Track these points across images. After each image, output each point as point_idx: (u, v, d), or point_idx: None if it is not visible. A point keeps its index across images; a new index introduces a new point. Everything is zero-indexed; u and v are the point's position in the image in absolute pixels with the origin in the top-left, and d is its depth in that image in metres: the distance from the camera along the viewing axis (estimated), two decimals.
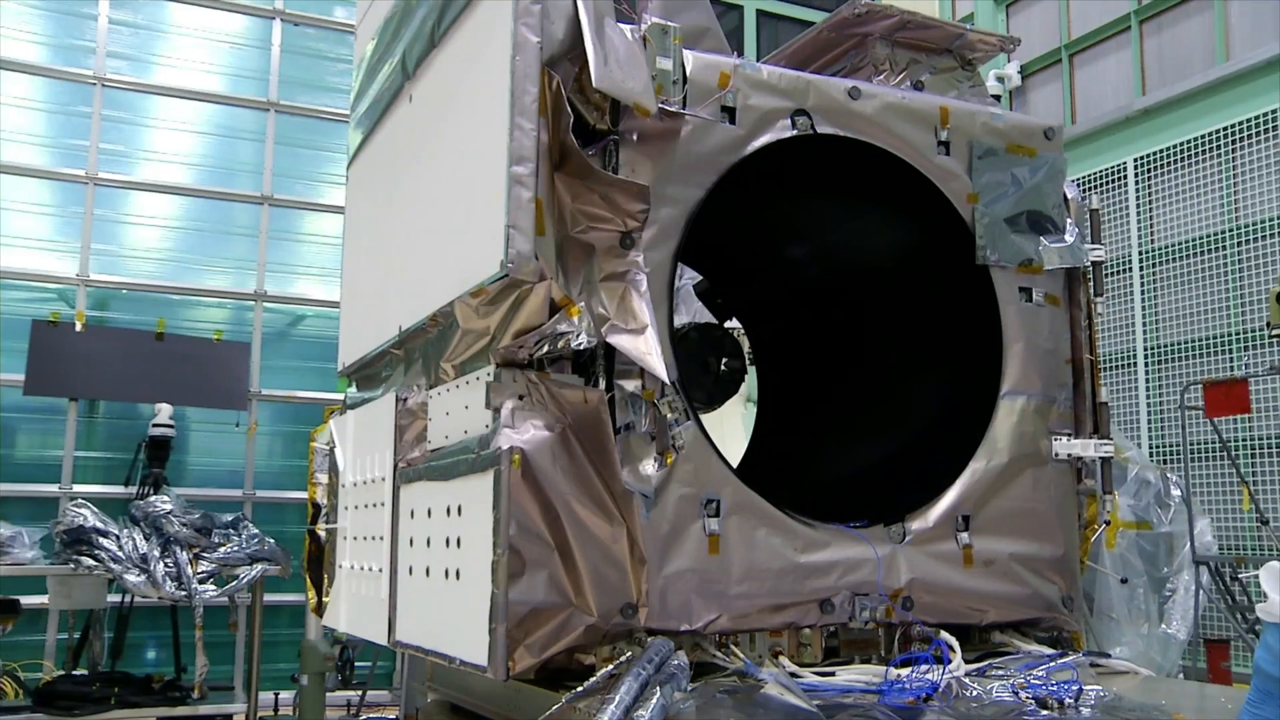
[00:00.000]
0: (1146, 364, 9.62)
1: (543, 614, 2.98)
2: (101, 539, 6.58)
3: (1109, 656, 3.65)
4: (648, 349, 3.06)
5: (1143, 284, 9.71)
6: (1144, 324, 9.67)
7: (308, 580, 4.54)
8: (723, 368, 4.18)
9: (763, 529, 3.28)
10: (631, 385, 3.14)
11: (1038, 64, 11.26)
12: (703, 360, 4.17)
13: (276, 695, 7.75)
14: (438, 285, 3.41)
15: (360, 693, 7.62)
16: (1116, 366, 9.82)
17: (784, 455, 4.53)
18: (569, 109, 3.14)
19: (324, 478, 4.47)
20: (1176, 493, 8.38)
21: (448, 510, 3.21)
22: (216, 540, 6.86)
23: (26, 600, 7.82)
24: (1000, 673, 3.26)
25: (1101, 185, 10.20)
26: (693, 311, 4.79)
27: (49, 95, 9.11)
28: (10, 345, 8.50)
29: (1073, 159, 10.56)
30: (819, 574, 3.33)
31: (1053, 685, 2.98)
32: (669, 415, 3.17)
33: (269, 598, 7.77)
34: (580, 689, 2.86)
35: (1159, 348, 9.56)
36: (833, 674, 3.19)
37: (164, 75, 9.37)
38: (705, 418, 4.69)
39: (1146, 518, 8.27)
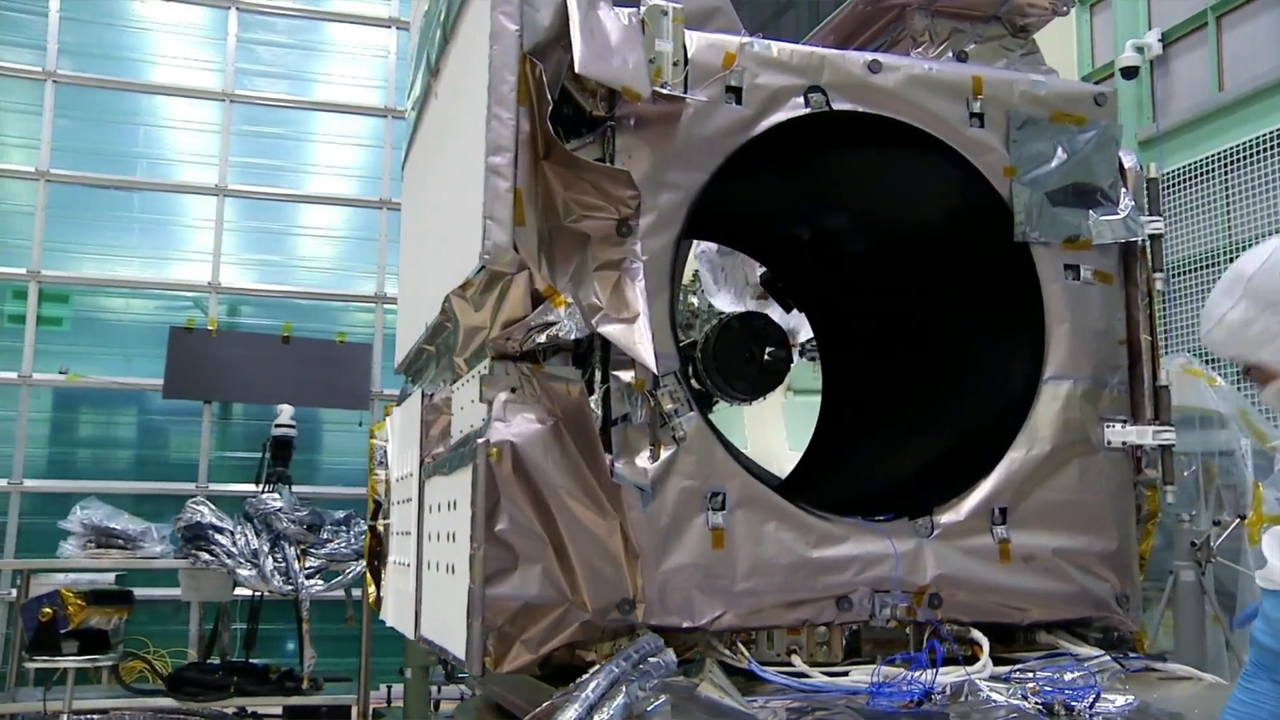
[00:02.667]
0: None
1: (538, 609, 2.94)
2: (217, 535, 6.88)
3: (1164, 660, 3.38)
4: (638, 338, 2.99)
5: None
6: None
7: (368, 575, 4.64)
8: (766, 357, 4.06)
9: (772, 523, 3.16)
10: (627, 376, 3.07)
11: (1181, 29, 10.57)
12: (746, 350, 4.06)
13: (389, 688, 7.95)
14: (445, 281, 3.42)
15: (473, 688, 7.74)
16: None
17: (836, 449, 4.38)
18: (563, 96, 3.12)
19: (382, 473, 4.55)
20: None
21: (449, 505, 3.21)
22: (325, 537, 7.09)
23: (164, 592, 8.29)
24: (1029, 675, 3.06)
25: (1250, 156, 9.52)
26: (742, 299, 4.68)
27: (192, 114, 9.60)
28: (153, 351, 8.96)
29: (1219, 130, 9.88)
30: (834, 570, 3.19)
31: (1069, 690, 2.77)
32: (669, 406, 3.09)
33: None
34: (572, 686, 2.82)
35: None
36: (846, 674, 3.06)
37: (291, 88, 9.74)
38: (748, 408, 4.60)
39: None
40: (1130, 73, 10.37)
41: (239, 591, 7.71)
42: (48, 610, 5.91)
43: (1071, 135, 3.59)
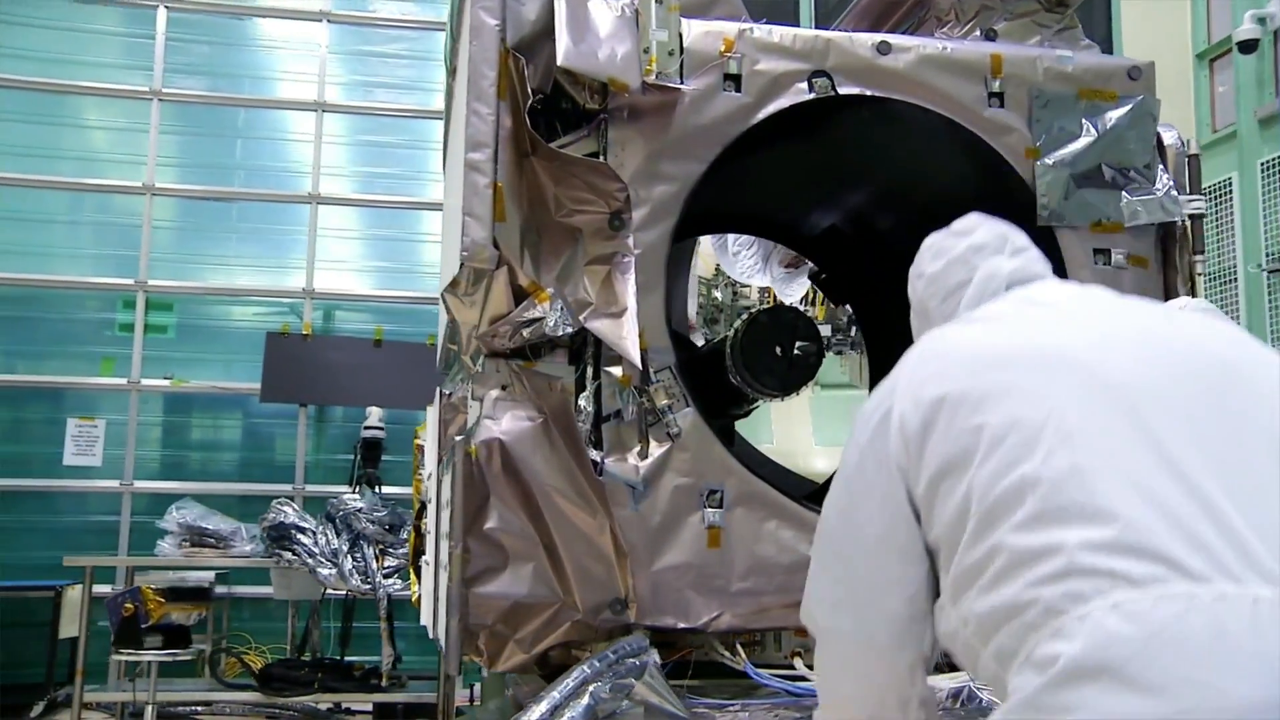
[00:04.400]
0: None
1: (530, 608, 2.93)
2: (300, 535, 7.05)
3: None
4: (623, 333, 2.95)
5: None
6: None
7: (413, 575, 4.68)
8: (796, 351, 3.94)
9: (772, 521, 3.07)
10: (618, 372, 3.03)
11: None
12: (774, 344, 3.95)
13: (472, 687, 8.02)
14: (447, 279, 3.42)
15: None
16: None
17: None
18: (561, 90, 3.10)
19: (423, 473, 4.59)
20: None
21: (447, 503, 3.21)
22: (405, 536, 7.19)
23: (258, 590, 8.54)
24: None
25: None
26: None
27: (290, 125, 9.89)
28: (254, 356, 9.23)
29: None
30: None
31: None
32: (663, 401, 3.04)
33: None
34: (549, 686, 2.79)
35: None
36: None
37: (399, 97, 9.92)
38: (776, 404, 4.49)
39: None
40: (1249, 46, 9.81)
41: (334, 590, 7.87)
42: (129, 606, 6.15)
43: (1102, 112, 3.41)
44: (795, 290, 4.95)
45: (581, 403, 3.02)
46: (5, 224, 9.37)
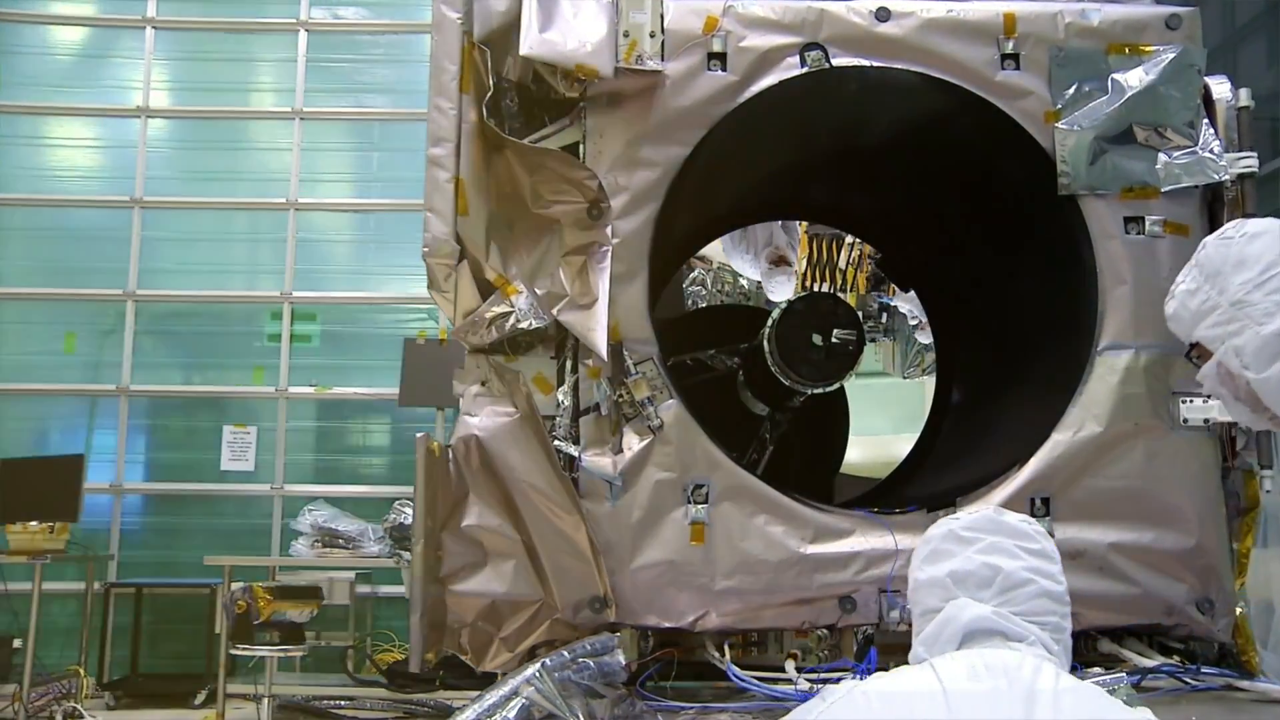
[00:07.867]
0: None
1: (510, 606, 2.91)
2: None
3: (1252, 678, 2.84)
4: (592, 324, 2.87)
5: None
6: None
7: None
8: (834, 340, 3.76)
9: (761, 516, 2.94)
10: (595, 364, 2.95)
11: None
12: (810, 333, 3.78)
13: None
14: None
15: None
16: None
17: (930, 442, 4.01)
18: (538, 80, 3.06)
19: None
20: None
21: None
22: None
23: (398, 590, 8.79)
24: None
25: None
26: None
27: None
28: (395, 362, 9.51)
29: None
30: (833, 567, 2.92)
31: None
32: (644, 394, 2.94)
33: None
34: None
35: None
36: (840, 680, 2.79)
37: None
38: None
39: None
40: None
41: None
42: (242, 603, 6.39)
43: (1134, 67, 3.12)
44: (778, 289, 4.77)
45: (560, 396, 2.96)
46: (172, 245, 9.94)
